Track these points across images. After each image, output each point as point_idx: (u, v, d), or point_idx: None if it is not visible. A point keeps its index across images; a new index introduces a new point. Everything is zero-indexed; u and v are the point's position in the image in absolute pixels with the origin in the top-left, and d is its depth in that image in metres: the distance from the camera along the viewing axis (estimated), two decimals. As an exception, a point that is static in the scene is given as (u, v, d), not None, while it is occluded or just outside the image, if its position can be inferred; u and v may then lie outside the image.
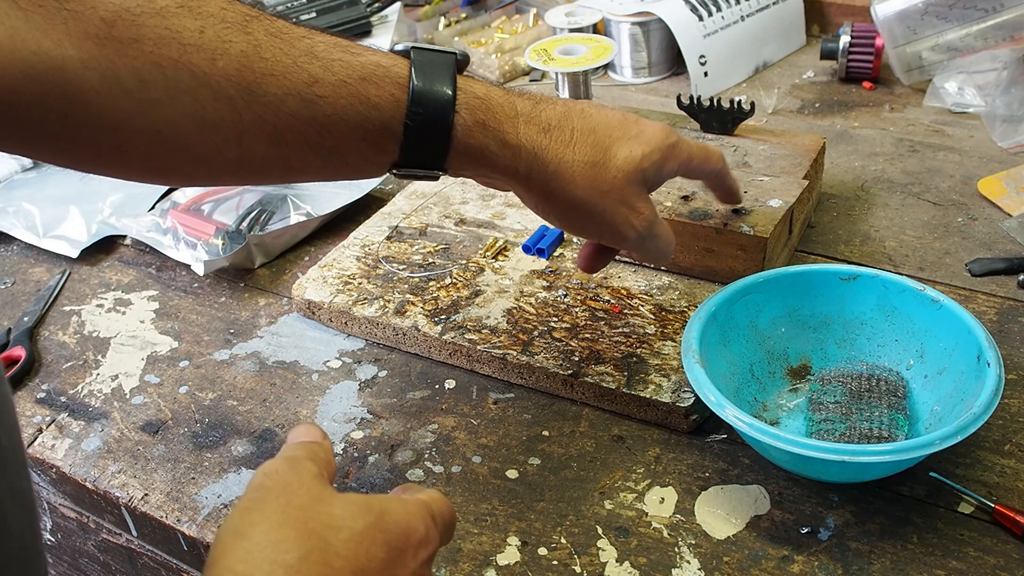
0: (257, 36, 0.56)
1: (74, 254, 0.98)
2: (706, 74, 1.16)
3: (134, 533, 0.75)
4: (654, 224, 0.67)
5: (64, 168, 0.59)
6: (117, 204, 1.03)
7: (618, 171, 0.64)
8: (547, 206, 0.66)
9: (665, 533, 0.64)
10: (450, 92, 0.59)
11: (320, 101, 0.57)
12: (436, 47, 0.61)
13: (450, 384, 0.78)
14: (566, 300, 0.82)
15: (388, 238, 0.92)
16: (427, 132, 0.59)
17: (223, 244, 0.93)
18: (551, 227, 0.90)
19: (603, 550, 0.63)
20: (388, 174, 0.62)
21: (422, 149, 0.60)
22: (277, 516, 0.44)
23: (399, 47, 0.61)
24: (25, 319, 0.90)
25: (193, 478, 0.72)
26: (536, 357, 0.76)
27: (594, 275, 0.84)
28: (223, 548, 0.43)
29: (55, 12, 0.51)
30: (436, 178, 0.62)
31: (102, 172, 0.60)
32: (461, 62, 0.62)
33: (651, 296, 0.81)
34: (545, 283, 0.84)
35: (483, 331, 0.79)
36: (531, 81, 1.26)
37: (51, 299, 0.93)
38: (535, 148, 0.62)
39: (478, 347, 0.77)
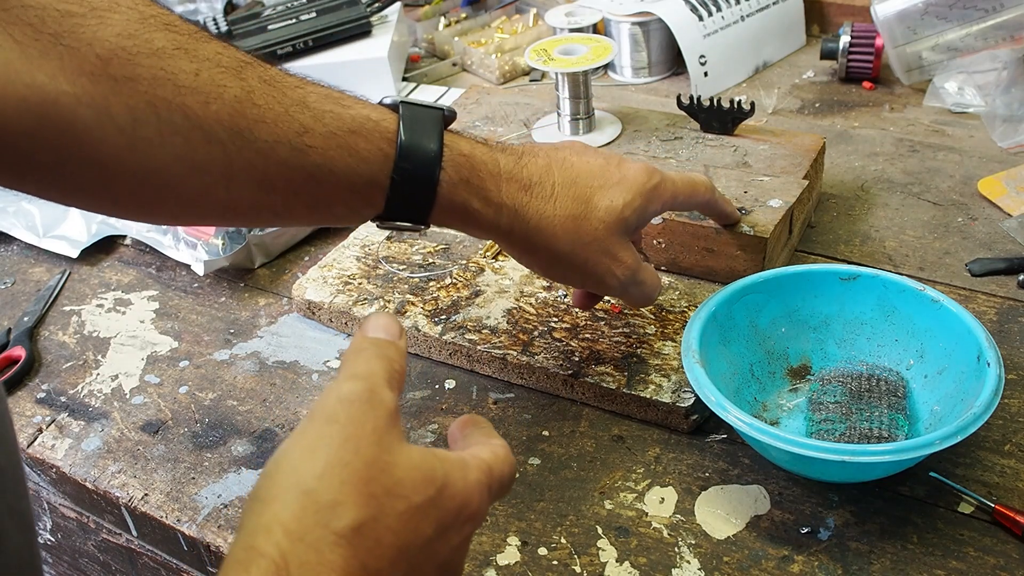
0: (251, 82, 0.56)
1: (74, 254, 0.98)
2: (706, 74, 1.16)
3: (134, 533, 0.75)
4: (637, 272, 0.68)
5: (51, 202, 0.59)
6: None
7: (599, 222, 0.65)
8: (530, 259, 0.68)
9: (665, 533, 0.64)
10: (436, 148, 0.60)
11: (309, 151, 0.57)
12: (424, 103, 0.62)
13: (450, 384, 0.78)
14: (566, 300, 0.82)
15: (388, 238, 0.92)
16: (413, 186, 0.60)
17: (223, 244, 0.93)
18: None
19: (603, 550, 0.63)
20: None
21: (407, 203, 0.61)
22: (340, 469, 0.41)
23: (387, 100, 0.62)
24: (25, 319, 0.90)
25: (193, 478, 0.72)
26: (536, 357, 0.76)
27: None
28: (278, 487, 0.41)
29: (51, 47, 0.51)
30: (419, 231, 0.63)
31: (89, 208, 0.60)
32: (448, 118, 0.62)
33: (651, 296, 0.81)
34: (545, 283, 0.84)
35: (483, 331, 0.79)
36: (531, 81, 1.26)
37: (51, 299, 0.93)
38: (516, 205, 0.64)
39: (478, 347, 0.78)
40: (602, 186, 0.65)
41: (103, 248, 1.00)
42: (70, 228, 1.01)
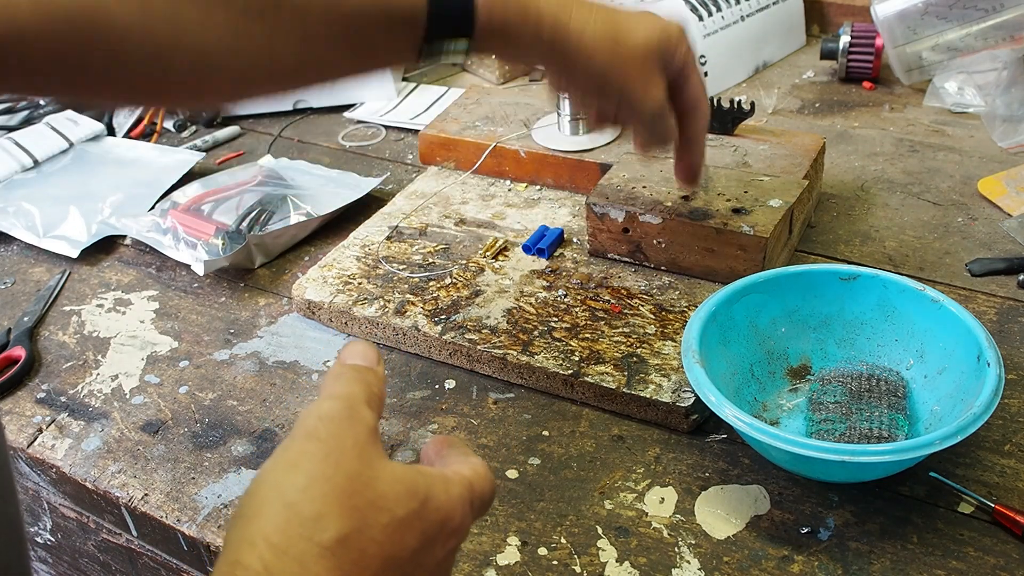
0: None
1: (74, 254, 0.98)
2: (706, 74, 1.16)
3: (134, 533, 0.75)
4: (666, 106, 0.69)
5: (108, 107, 0.63)
6: (117, 204, 1.03)
7: (636, 46, 0.67)
8: (569, 76, 0.69)
9: (665, 533, 0.64)
10: None
11: None
12: None
13: (450, 384, 0.78)
14: (566, 300, 0.82)
15: (388, 238, 0.92)
16: (451, 5, 0.62)
17: (223, 244, 0.93)
18: (550, 228, 0.90)
19: (603, 550, 0.63)
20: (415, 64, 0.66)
21: (447, 25, 0.62)
22: (322, 483, 0.41)
23: None
24: (25, 319, 0.90)
25: (193, 478, 0.72)
26: (536, 357, 0.76)
27: (594, 276, 0.84)
28: (261, 502, 0.42)
29: None
30: (464, 57, 0.65)
31: (143, 102, 0.63)
32: None
33: (651, 296, 0.81)
34: (545, 283, 0.84)
35: (483, 331, 0.79)
36: (531, 81, 1.26)
37: (51, 299, 0.93)
38: (556, 21, 0.65)
39: (478, 347, 0.77)
40: (639, 18, 0.68)
41: (103, 248, 1.00)
42: (70, 228, 1.01)
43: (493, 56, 0.68)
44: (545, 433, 0.73)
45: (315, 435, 0.43)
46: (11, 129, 1.19)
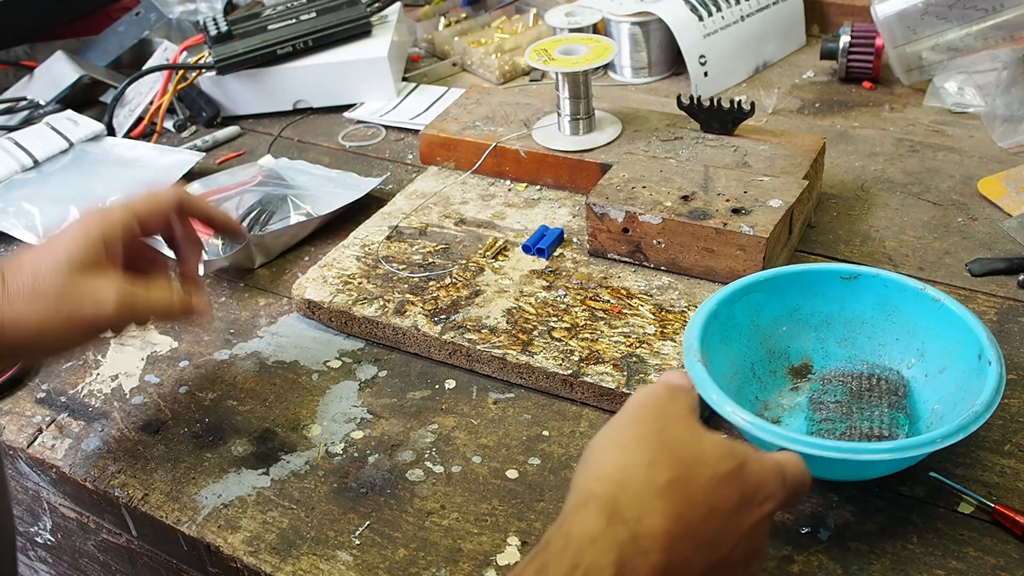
0: None
1: (74, 254, 0.98)
2: (706, 74, 1.16)
3: (134, 533, 0.75)
4: (122, 297, 0.66)
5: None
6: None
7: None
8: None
9: (665, 533, 0.64)
10: None
11: None
12: None
13: (450, 384, 0.78)
14: (566, 300, 0.82)
15: (388, 238, 0.92)
16: None
17: (223, 244, 0.93)
18: (550, 228, 0.90)
19: (603, 550, 0.63)
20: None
21: None
22: (654, 438, 0.50)
23: None
24: (25, 319, 0.90)
25: (193, 478, 0.72)
26: (536, 357, 0.76)
27: (593, 276, 0.84)
28: (602, 453, 0.50)
29: None
30: None
31: None
32: None
33: (651, 296, 0.81)
34: (545, 283, 0.84)
35: (483, 331, 0.79)
36: (531, 81, 1.26)
37: (51, 299, 0.93)
38: None
39: (478, 347, 0.77)
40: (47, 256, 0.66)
41: (103, 248, 0.99)
42: (70, 228, 1.01)
43: None
44: (545, 433, 0.73)
45: (644, 405, 0.53)
46: (11, 129, 1.19)
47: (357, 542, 0.66)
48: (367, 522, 0.67)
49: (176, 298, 0.70)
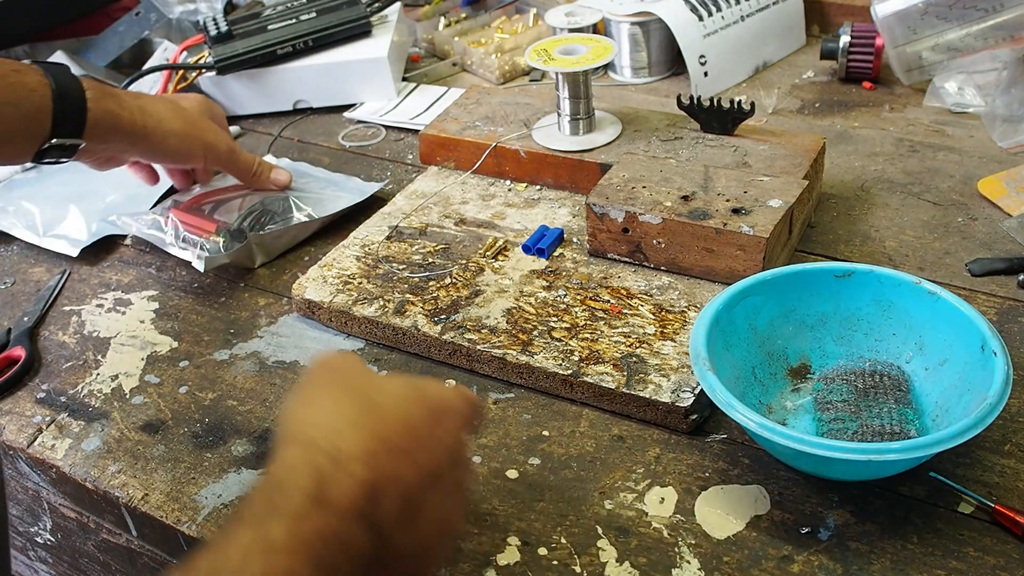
0: None
1: (74, 253, 0.98)
2: (706, 74, 1.16)
3: (134, 533, 0.75)
4: (234, 143, 0.97)
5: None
6: (117, 203, 1.03)
7: (194, 113, 0.94)
8: (157, 149, 0.91)
9: (665, 533, 0.64)
10: (76, 79, 0.83)
11: None
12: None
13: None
14: (566, 300, 0.82)
15: (388, 238, 0.92)
16: (71, 102, 0.81)
17: (224, 241, 0.93)
18: (550, 228, 0.90)
19: (603, 550, 0.63)
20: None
21: (69, 118, 0.81)
22: (336, 388, 0.54)
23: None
24: (25, 319, 0.90)
25: (193, 478, 0.72)
26: (536, 357, 0.76)
27: (593, 276, 0.84)
28: (295, 414, 0.53)
29: None
30: (78, 146, 0.83)
31: None
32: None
33: (651, 296, 0.81)
34: (545, 283, 0.84)
35: (483, 331, 0.79)
36: (531, 81, 1.26)
37: (51, 299, 0.93)
38: (143, 108, 0.88)
39: (478, 347, 0.77)
40: (188, 98, 0.97)
41: (103, 248, 1.00)
42: (70, 227, 1.01)
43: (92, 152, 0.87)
44: (545, 433, 0.73)
45: (323, 366, 0.57)
46: (11, 129, 1.19)
47: (357, 542, 0.66)
48: (367, 522, 0.67)
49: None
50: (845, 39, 1.15)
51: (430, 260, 0.88)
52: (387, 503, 0.48)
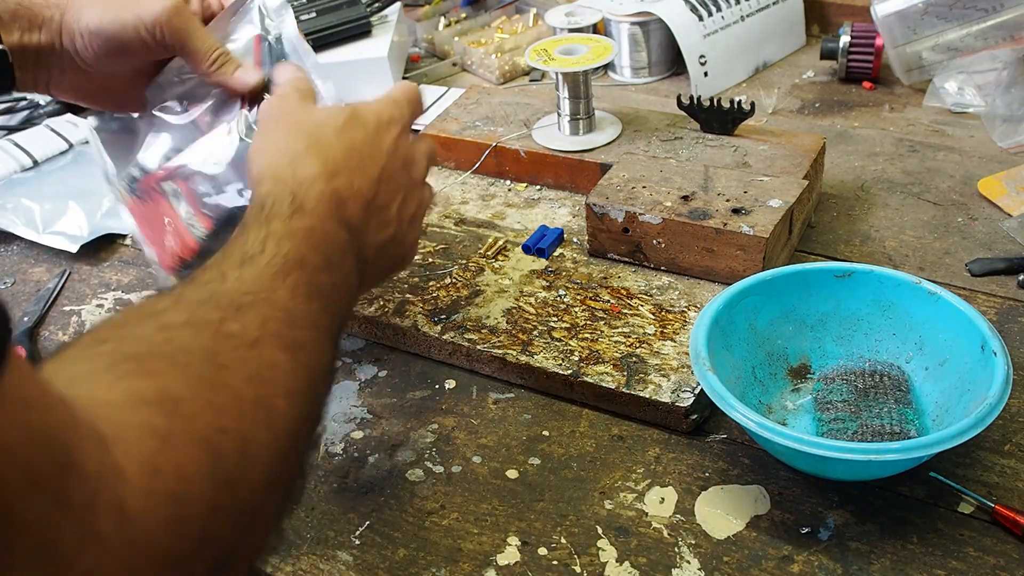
0: None
1: (74, 249, 0.97)
2: (706, 74, 1.16)
3: (134, 533, 0.75)
4: (182, 6, 0.74)
5: None
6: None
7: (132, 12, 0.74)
8: (77, 71, 0.75)
9: (665, 533, 0.64)
10: None
11: None
12: None
13: (450, 384, 0.78)
14: (566, 300, 0.82)
15: (388, 238, 0.92)
16: None
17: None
18: (550, 228, 0.90)
19: (603, 550, 0.63)
20: None
21: None
22: (279, 130, 0.62)
23: None
24: (25, 319, 0.90)
25: (193, 478, 0.72)
26: (536, 357, 0.76)
27: (593, 276, 0.84)
28: (254, 164, 0.61)
29: None
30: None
31: None
32: None
33: (651, 296, 0.81)
34: (545, 283, 0.84)
35: (483, 331, 0.79)
36: (531, 81, 1.26)
37: (51, 299, 0.93)
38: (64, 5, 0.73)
39: (478, 347, 0.77)
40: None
41: (103, 248, 0.99)
42: (69, 224, 1.00)
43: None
44: (545, 433, 0.73)
45: (265, 117, 0.65)
46: (11, 130, 1.19)
47: (357, 542, 0.66)
48: (367, 522, 0.67)
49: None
50: (845, 39, 1.15)
51: (430, 260, 0.88)
52: (351, 206, 0.60)
